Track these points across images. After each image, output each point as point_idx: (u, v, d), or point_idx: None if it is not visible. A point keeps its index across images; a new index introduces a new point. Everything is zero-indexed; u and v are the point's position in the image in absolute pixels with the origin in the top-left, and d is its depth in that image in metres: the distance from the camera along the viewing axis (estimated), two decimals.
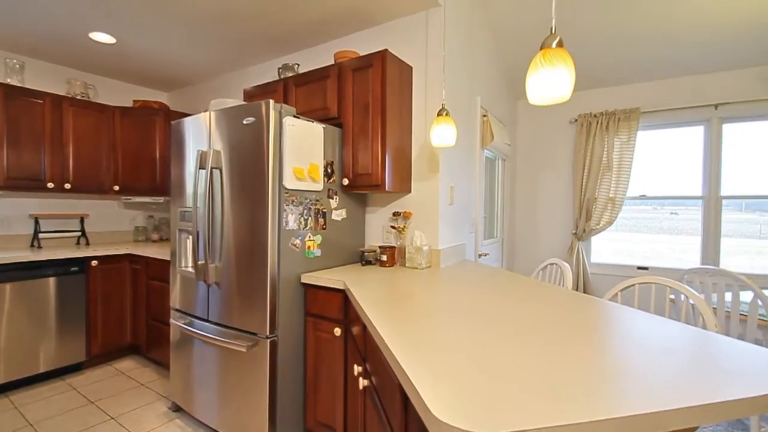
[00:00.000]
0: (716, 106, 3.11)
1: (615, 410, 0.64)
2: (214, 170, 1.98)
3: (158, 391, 2.56)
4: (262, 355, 1.80)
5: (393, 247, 2.22)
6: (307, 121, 1.97)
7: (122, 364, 3.02)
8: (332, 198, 2.15)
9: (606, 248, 3.69)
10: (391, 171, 2.11)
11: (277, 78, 2.78)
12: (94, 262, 2.86)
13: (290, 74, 2.54)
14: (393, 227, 2.30)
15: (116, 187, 3.25)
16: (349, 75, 2.15)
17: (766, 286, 2.93)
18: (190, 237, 2.13)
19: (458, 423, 0.60)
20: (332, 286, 1.83)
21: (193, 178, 2.08)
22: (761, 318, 1.94)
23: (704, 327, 1.41)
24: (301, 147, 1.92)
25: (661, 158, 3.45)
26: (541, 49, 1.06)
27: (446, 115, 1.87)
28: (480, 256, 2.77)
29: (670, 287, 1.54)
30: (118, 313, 3.02)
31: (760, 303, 1.90)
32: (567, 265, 1.94)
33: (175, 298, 2.25)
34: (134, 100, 3.42)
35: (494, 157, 3.42)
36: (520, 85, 3.62)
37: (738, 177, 3.15)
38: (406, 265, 2.18)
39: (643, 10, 2.56)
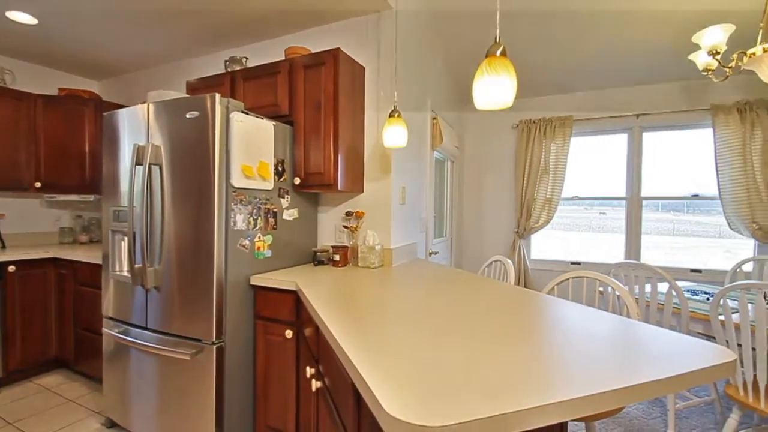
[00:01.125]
0: (637, 116, 3.46)
1: (552, 396, 0.69)
2: (152, 166, 1.85)
3: (89, 407, 2.35)
4: (207, 362, 1.72)
5: (346, 247, 2.22)
6: (257, 117, 1.91)
7: (47, 379, 2.72)
8: (283, 197, 2.10)
9: (544, 245, 3.97)
10: (343, 170, 2.11)
11: (223, 71, 2.66)
12: (11, 268, 2.55)
13: (238, 68, 2.44)
14: (346, 227, 2.30)
15: (38, 184, 2.92)
16: (300, 72, 2.12)
17: (679, 278, 3.31)
18: (126, 238, 1.98)
19: (409, 418, 0.61)
20: (284, 287, 1.79)
21: (128, 175, 1.93)
22: (675, 306, 2.19)
23: (628, 316, 1.57)
24: (250, 144, 1.86)
25: (592, 162, 3.77)
26: (486, 57, 1.11)
27: (398, 116, 1.90)
28: (431, 254, 2.86)
29: (599, 280, 1.69)
30: (41, 324, 2.72)
31: (674, 293, 2.15)
32: (510, 261, 2.06)
33: (108, 305, 2.07)
34: (60, 89, 3.10)
35: (443, 159, 3.54)
36: (468, 90, 3.77)
37: (656, 180, 3.53)
38: (359, 264, 2.19)
39: (577, 28, 2.78)
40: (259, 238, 1.93)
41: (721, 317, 1.77)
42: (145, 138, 1.89)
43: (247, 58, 2.49)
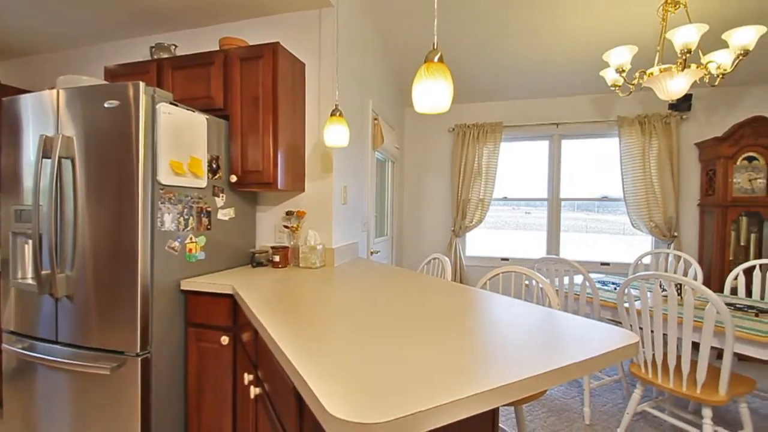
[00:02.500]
0: (557, 125, 3.81)
1: (485, 384, 0.74)
2: (63, 160, 1.64)
3: None
4: (131, 376, 1.57)
5: (286, 247, 2.16)
6: (188, 109, 1.79)
7: None
8: (218, 196, 1.99)
9: (478, 243, 4.21)
10: (283, 169, 2.05)
11: (149, 58, 2.44)
12: None
13: (166, 56, 2.26)
14: (286, 227, 2.24)
15: None
16: (236, 64, 2.02)
17: (591, 271, 3.71)
18: (30, 241, 1.74)
19: (352, 417, 0.62)
20: (218, 291, 1.70)
21: (33, 170, 1.70)
22: (589, 296, 2.46)
23: (550, 306, 1.73)
24: (180, 138, 1.73)
25: (519, 166, 4.08)
26: (425, 62, 1.15)
27: (339, 115, 1.90)
28: (372, 253, 2.89)
29: (525, 274, 1.84)
30: None
31: (587, 284, 2.41)
32: (447, 259, 2.16)
33: (9, 318, 1.80)
34: None
35: (384, 159, 3.60)
36: (407, 93, 3.87)
37: (572, 183, 3.92)
38: (300, 265, 2.15)
39: (508, 42, 2.99)
40: (191, 239, 1.81)
41: (626, 304, 2.02)
42: (54, 128, 1.68)
43: (176, 46, 2.32)
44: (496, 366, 0.83)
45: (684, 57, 1.83)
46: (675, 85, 1.98)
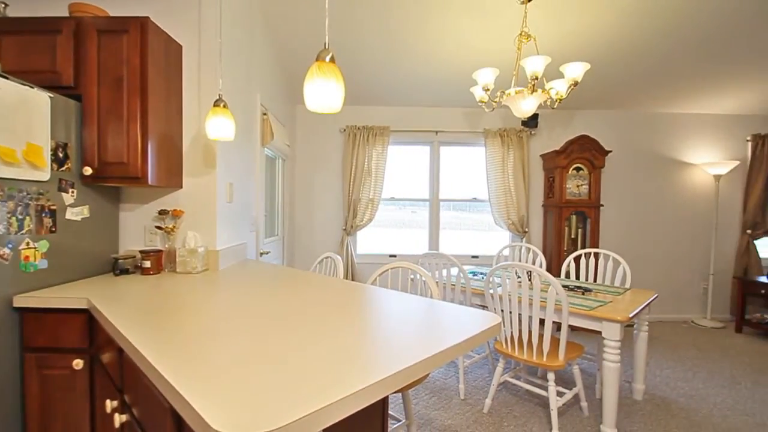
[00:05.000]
0: (437, 132, 4.19)
1: (374, 376, 0.78)
2: None
3: None
4: None
5: (159, 251, 1.92)
6: (22, 84, 1.44)
7: None
8: (67, 191, 1.65)
9: (368, 241, 4.37)
10: (155, 162, 1.81)
11: None
12: None
13: None
14: (159, 228, 1.98)
15: None
16: (93, 36, 1.71)
17: (465, 263, 4.19)
18: None
19: (239, 429, 0.59)
20: (68, 306, 1.42)
21: None
22: (462, 285, 2.77)
23: (431, 296, 1.91)
24: (12, 119, 1.39)
25: (405, 168, 4.37)
26: (316, 60, 1.15)
27: (224, 106, 1.77)
28: (262, 254, 2.75)
29: (410, 269, 1.98)
30: None
31: (461, 275, 2.72)
32: (339, 257, 2.19)
33: None
34: None
35: (275, 156, 3.46)
36: (299, 91, 3.79)
37: (449, 186, 4.36)
38: (178, 270, 1.93)
39: (394, 52, 3.17)
40: (28, 244, 1.47)
41: (491, 291, 2.34)
42: None
43: (6, 5, 1.84)
44: (385, 357, 0.88)
45: (533, 82, 2.21)
46: (526, 105, 2.37)
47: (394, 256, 4.26)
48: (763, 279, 3.86)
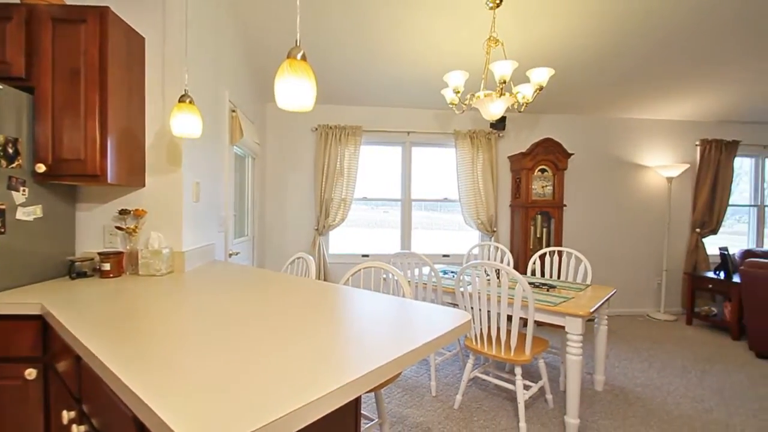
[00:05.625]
0: (408, 133, 4.23)
1: (348, 376, 0.77)
2: None
3: None
4: None
5: (120, 253, 1.83)
6: None
7: None
8: (17, 190, 1.55)
9: (340, 241, 4.35)
10: (115, 159, 1.73)
11: None
12: None
13: None
14: (120, 228, 1.89)
15: None
16: (47, 25, 1.60)
17: (436, 262, 4.25)
18: None
19: None
20: (20, 312, 1.33)
21: None
22: (434, 284, 2.82)
23: (404, 295, 1.93)
24: None
25: (378, 168, 4.38)
26: (287, 57, 1.13)
27: (190, 102, 1.71)
28: (231, 255, 2.68)
29: (383, 269, 2.00)
30: None
31: (433, 274, 2.76)
32: (311, 258, 2.17)
33: None
34: None
35: (244, 155, 3.37)
36: (269, 88, 3.72)
37: (421, 186, 4.41)
38: (140, 273, 1.85)
39: (367, 51, 3.17)
40: None
41: (461, 289, 2.40)
42: None
43: None
44: (358, 357, 0.89)
45: (501, 86, 2.28)
46: (494, 108, 2.44)
47: (367, 255, 4.26)
48: (710, 274, 4.15)
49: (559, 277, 3.98)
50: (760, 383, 2.79)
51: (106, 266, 1.77)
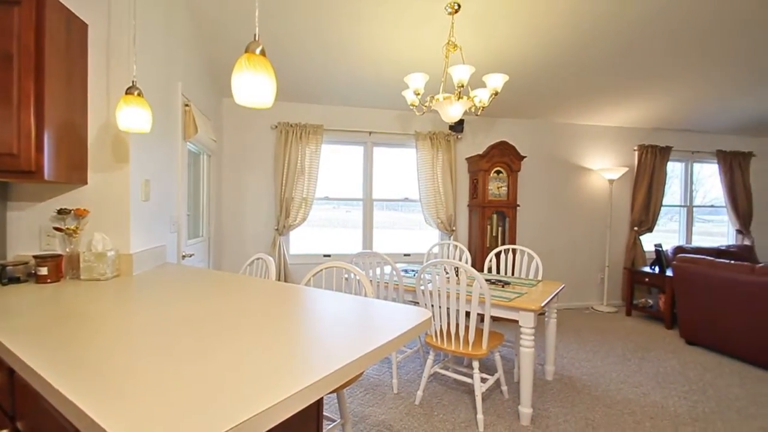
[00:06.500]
0: (370, 133, 4.25)
1: (310, 378, 0.76)
2: None
3: None
4: None
5: (59, 256, 1.69)
6: None
7: None
8: None
9: (301, 241, 4.28)
10: (53, 154, 1.59)
11: None
12: None
13: None
14: (58, 229, 1.75)
15: None
16: None
17: (397, 261, 4.30)
18: None
19: None
20: None
21: None
22: (395, 283, 2.85)
23: (366, 295, 1.94)
24: None
25: (339, 168, 4.36)
26: (245, 51, 1.10)
27: (138, 94, 1.61)
28: (184, 257, 2.56)
29: (344, 269, 1.99)
30: None
31: (394, 273, 2.79)
32: (271, 258, 2.12)
33: None
34: None
35: (199, 152, 3.23)
36: (226, 83, 3.58)
37: (383, 186, 4.44)
38: (82, 277, 1.72)
39: (327, 50, 3.14)
40: None
41: (422, 287, 2.44)
42: None
43: None
44: (320, 358, 0.88)
45: (459, 90, 2.36)
46: (453, 110, 2.51)
47: (329, 255, 4.23)
48: (646, 269, 4.53)
49: (513, 273, 4.17)
50: (690, 368, 3.09)
51: (43, 270, 1.63)
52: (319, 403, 1.28)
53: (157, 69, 2.17)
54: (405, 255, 4.42)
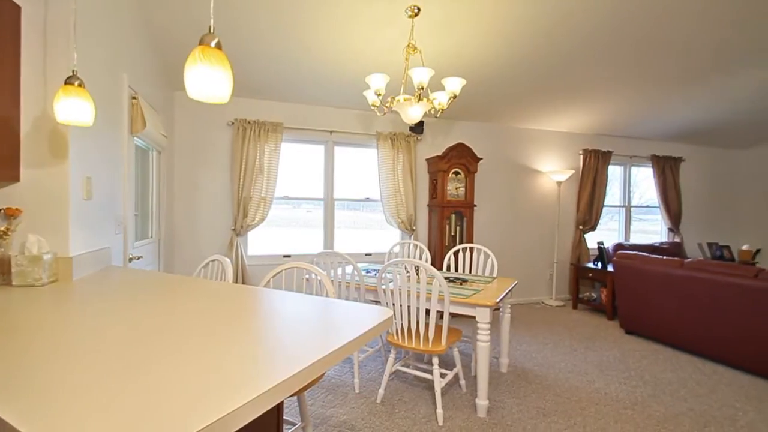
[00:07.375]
0: (331, 132, 4.22)
1: (271, 381, 0.75)
2: None
3: None
4: None
5: None
6: None
7: None
8: None
9: (260, 241, 4.16)
10: None
11: None
12: None
13: None
14: None
15: None
16: None
17: (359, 261, 4.30)
18: None
19: None
20: None
21: None
22: (357, 283, 2.85)
23: (327, 295, 1.93)
24: None
25: (300, 167, 4.29)
26: (200, 44, 1.05)
27: (79, 85, 1.50)
28: (131, 260, 2.40)
29: (305, 269, 1.97)
30: None
31: (356, 273, 2.79)
32: (228, 260, 2.05)
33: None
34: None
35: (148, 148, 3.04)
36: (178, 76, 3.40)
37: (344, 185, 4.43)
38: (14, 283, 1.56)
39: (286, 46, 3.08)
40: None
41: (383, 286, 2.47)
42: None
43: None
44: (281, 360, 0.86)
45: (419, 92, 2.40)
46: (413, 112, 2.56)
47: (289, 256, 4.15)
48: (590, 265, 4.86)
49: (470, 271, 4.32)
50: (629, 356, 3.35)
51: None
52: (279, 407, 1.25)
53: (102, 58, 2.03)
54: (366, 254, 4.43)
